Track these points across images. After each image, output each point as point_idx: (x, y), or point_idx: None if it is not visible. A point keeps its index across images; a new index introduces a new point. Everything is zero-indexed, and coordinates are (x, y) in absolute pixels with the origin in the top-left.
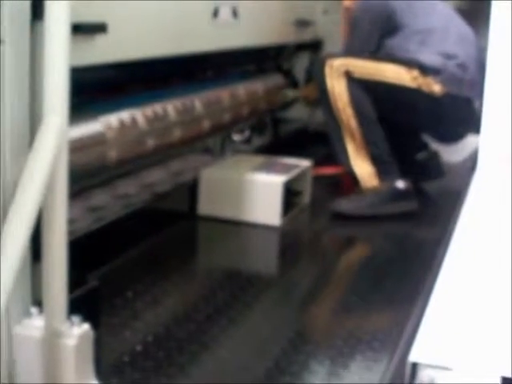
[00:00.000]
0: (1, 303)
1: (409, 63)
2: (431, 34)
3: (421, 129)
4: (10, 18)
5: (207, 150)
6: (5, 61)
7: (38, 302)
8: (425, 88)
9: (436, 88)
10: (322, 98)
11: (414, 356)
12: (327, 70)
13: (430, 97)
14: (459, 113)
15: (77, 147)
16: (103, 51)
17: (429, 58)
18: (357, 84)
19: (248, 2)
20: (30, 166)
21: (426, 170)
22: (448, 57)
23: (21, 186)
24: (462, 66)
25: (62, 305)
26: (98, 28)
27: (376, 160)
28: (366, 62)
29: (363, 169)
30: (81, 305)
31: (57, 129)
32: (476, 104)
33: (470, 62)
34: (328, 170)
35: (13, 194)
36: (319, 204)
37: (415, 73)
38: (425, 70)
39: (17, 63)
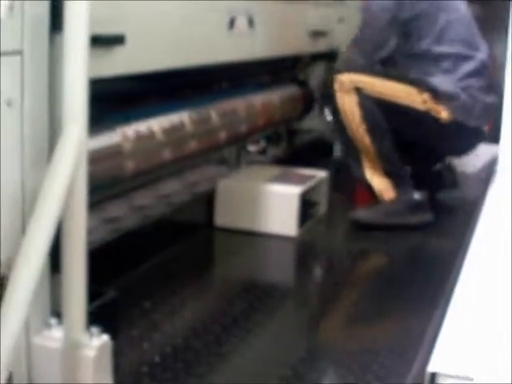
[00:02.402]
0: (21, 314)
1: (420, 85)
2: (449, 58)
3: (428, 146)
4: (29, 30)
5: (223, 161)
6: (24, 71)
7: (57, 313)
8: (433, 112)
9: (444, 114)
10: (335, 117)
11: (432, 366)
12: (337, 86)
13: (436, 121)
14: (466, 138)
15: (94, 158)
16: (121, 63)
17: (443, 83)
18: (368, 98)
19: (264, 12)
20: (50, 177)
21: (440, 181)
22: (462, 85)
23: (41, 197)
24: (473, 97)
25: (81, 316)
26: (116, 40)
27: (391, 174)
28: (377, 79)
29: (380, 183)
30: (100, 316)
31: (76, 139)
32: (485, 129)
33: (483, 89)
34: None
35: (33, 205)
36: (336, 215)
37: (426, 96)
38: (436, 94)
39: (36, 74)
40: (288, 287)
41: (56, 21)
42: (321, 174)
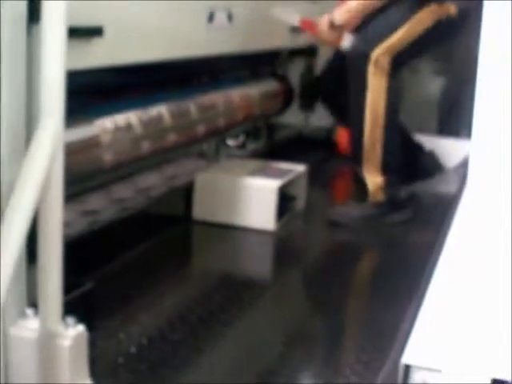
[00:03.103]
0: None
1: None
2: None
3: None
4: (6, 21)
5: (202, 155)
6: (1, 62)
7: (33, 304)
8: (443, 17)
9: (452, 9)
10: (356, 97)
11: (406, 358)
12: (371, 69)
13: (448, 22)
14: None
15: (72, 150)
16: (99, 55)
17: None
18: (395, 86)
19: (243, 7)
20: (27, 168)
21: (425, 169)
22: None
23: (17, 188)
24: None
25: (57, 306)
26: (94, 31)
27: (388, 169)
28: (395, 34)
29: (373, 180)
30: (76, 307)
31: (53, 131)
32: None
33: None
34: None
35: (9, 196)
36: (314, 209)
37: (433, 7)
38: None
39: (13, 65)
40: (265, 280)
41: (34, 12)
42: (299, 168)
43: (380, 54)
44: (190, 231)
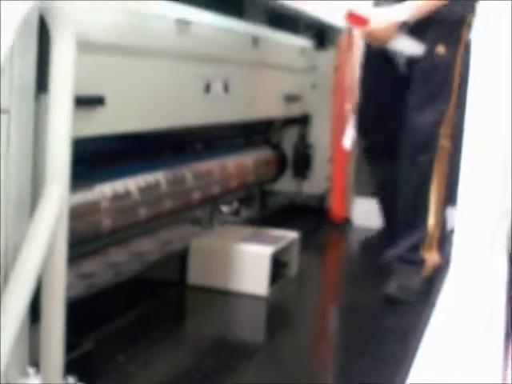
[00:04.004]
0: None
1: None
2: None
3: None
4: (15, 90)
5: (196, 221)
6: (10, 130)
7: (34, 363)
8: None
9: None
10: (421, 181)
11: None
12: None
13: None
14: None
15: (72, 215)
16: (100, 123)
17: None
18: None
19: (239, 77)
20: (32, 233)
21: None
22: None
23: (22, 252)
24: None
25: (59, 366)
26: (96, 101)
27: (444, 244)
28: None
29: (432, 259)
30: (76, 366)
31: (58, 198)
32: None
33: None
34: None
35: (14, 259)
36: (306, 275)
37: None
38: None
39: (21, 133)
40: (258, 345)
41: (42, 82)
42: (292, 235)
43: (445, 128)
44: (185, 296)
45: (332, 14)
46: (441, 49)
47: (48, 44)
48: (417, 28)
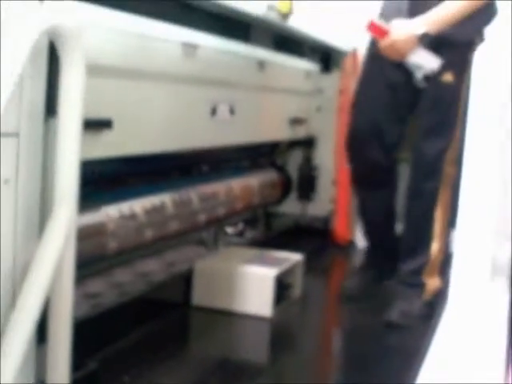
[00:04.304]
0: (7, 381)
1: None
2: None
3: None
4: (25, 113)
5: (201, 242)
6: (19, 153)
7: (41, 382)
8: None
9: None
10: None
11: None
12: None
13: None
14: None
15: (78, 236)
16: (108, 146)
17: None
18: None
19: (245, 100)
20: (40, 254)
21: None
22: None
23: (30, 272)
24: None
25: None
26: (104, 124)
27: (444, 268)
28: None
29: (433, 283)
30: None
31: (66, 219)
32: None
33: None
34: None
35: (22, 279)
36: (310, 297)
37: None
38: None
39: (29, 155)
40: (261, 365)
41: (51, 106)
42: (296, 257)
43: (450, 154)
44: (189, 316)
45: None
46: (448, 76)
47: (57, 68)
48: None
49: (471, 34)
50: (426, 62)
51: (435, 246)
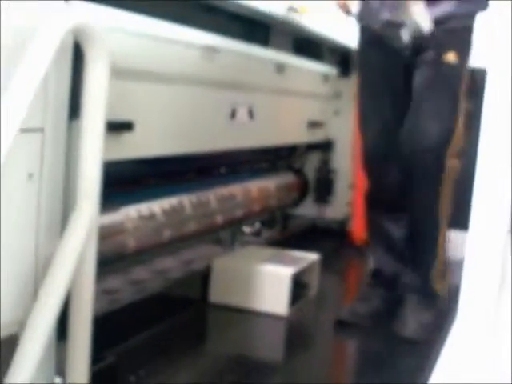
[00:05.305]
0: (28, 374)
1: None
2: None
3: None
4: (50, 110)
5: (218, 241)
6: (44, 148)
7: (61, 373)
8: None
9: None
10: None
11: None
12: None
13: None
14: None
15: (98, 235)
16: (129, 148)
17: None
18: None
19: (264, 104)
20: (62, 249)
21: None
22: None
23: (52, 267)
24: None
25: (84, 377)
26: (126, 126)
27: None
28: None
29: (443, 284)
30: (99, 378)
31: (89, 215)
32: None
33: None
34: None
35: (45, 271)
36: (326, 296)
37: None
38: None
39: (53, 151)
40: (276, 363)
41: (75, 107)
42: (312, 256)
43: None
44: (206, 314)
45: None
46: (451, 56)
47: (81, 71)
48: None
49: (474, 8)
50: (421, 19)
51: (440, 250)
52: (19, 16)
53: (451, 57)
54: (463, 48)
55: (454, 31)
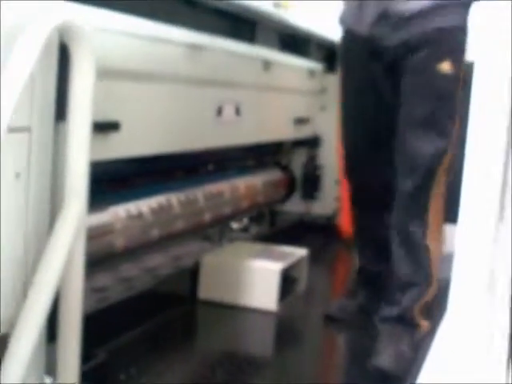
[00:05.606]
0: (18, 374)
1: None
2: None
3: None
4: (36, 109)
5: (206, 237)
6: (31, 147)
7: (52, 372)
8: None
9: None
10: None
11: None
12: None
13: None
14: None
15: (86, 235)
16: (115, 148)
17: None
18: None
19: (250, 101)
20: (50, 247)
21: None
22: None
23: (41, 266)
24: None
25: (75, 375)
26: (111, 126)
27: None
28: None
29: (424, 324)
30: (90, 376)
31: (76, 213)
32: None
33: None
34: None
35: (34, 270)
36: (315, 291)
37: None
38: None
39: (41, 151)
40: (266, 358)
41: (61, 109)
42: (301, 252)
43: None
44: (195, 310)
45: None
46: (446, 66)
47: (67, 73)
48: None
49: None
50: None
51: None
52: (6, 15)
53: (446, 66)
54: (458, 55)
55: (448, 37)
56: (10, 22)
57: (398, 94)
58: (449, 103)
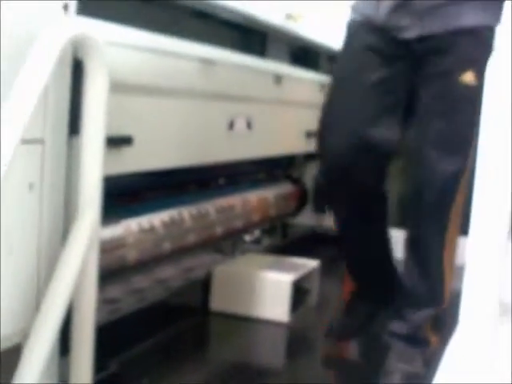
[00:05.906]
0: None
1: None
2: None
3: None
4: (50, 122)
5: (218, 249)
6: (44, 160)
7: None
8: None
9: None
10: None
11: None
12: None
13: None
14: None
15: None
16: (128, 162)
17: None
18: None
19: (262, 114)
20: (64, 259)
21: None
22: None
23: (54, 278)
24: None
25: None
26: (125, 141)
27: None
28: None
29: (434, 340)
30: None
31: (90, 225)
32: None
33: None
34: None
35: (47, 282)
36: (326, 302)
37: None
38: None
39: (54, 162)
40: (279, 370)
41: (74, 123)
42: (313, 263)
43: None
44: (207, 321)
45: None
46: (469, 76)
47: (80, 88)
48: (436, 42)
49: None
50: None
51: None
52: (19, 26)
53: (469, 77)
54: (482, 65)
55: (474, 33)
56: (23, 32)
57: (413, 97)
58: (470, 118)
